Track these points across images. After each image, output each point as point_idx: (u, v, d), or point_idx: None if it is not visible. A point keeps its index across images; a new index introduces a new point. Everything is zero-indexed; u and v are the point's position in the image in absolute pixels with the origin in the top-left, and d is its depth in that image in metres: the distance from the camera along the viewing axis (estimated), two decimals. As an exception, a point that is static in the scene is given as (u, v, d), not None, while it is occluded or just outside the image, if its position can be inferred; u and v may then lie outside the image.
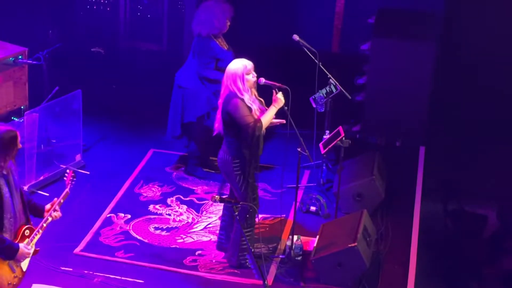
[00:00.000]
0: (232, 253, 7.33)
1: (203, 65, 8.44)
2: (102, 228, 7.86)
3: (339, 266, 7.11)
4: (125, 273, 7.21)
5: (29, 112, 8.31)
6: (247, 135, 6.85)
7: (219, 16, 8.34)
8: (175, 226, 7.98)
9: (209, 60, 8.42)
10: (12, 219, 5.71)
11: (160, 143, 9.42)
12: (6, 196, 5.65)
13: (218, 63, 8.39)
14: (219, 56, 8.37)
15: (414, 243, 7.78)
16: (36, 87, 9.28)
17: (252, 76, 6.93)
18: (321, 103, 8.33)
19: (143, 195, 8.47)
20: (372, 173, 8.16)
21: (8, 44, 9.22)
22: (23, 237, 5.82)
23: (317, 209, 8.24)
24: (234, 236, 7.29)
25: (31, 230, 5.87)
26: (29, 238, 5.84)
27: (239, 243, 7.22)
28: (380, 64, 9.56)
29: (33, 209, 5.99)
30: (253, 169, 7.05)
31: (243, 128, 6.84)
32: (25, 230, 5.83)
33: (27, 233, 5.84)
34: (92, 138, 9.44)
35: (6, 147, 5.62)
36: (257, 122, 6.85)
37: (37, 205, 6.00)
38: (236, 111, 6.82)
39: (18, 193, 5.77)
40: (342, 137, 7.69)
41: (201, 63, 8.45)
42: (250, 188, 7.04)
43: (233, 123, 6.88)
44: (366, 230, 7.35)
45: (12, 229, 5.73)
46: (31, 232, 5.87)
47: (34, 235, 5.87)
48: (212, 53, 8.38)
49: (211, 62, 8.42)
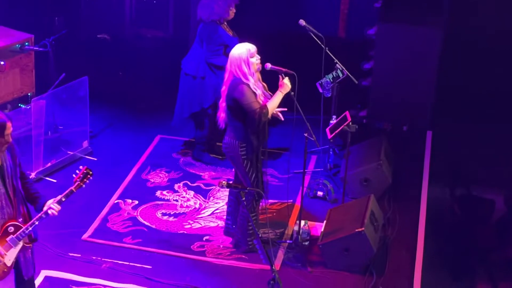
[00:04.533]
0: (240, 238, 7.35)
1: (212, 52, 8.42)
2: (110, 214, 7.89)
3: (346, 251, 7.12)
4: (133, 259, 7.24)
5: (36, 99, 8.32)
6: (253, 121, 6.86)
7: (220, 2, 8.31)
8: (183, 211, 7.99)
9: (217, 47, 8.40)
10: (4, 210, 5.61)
11: (167, 129, 9.42)
12: None
13: (226, 49, 8.38)
14: (228, 43, 8.35)
15: (421, 228, 7.78)
16: (43, 74, 9.29)
17: (256, 59, 6.92)
18: (328, 88, 8.31)
19: (151, 181, 8.48)
20: (379, 158, 8.16)
21: (15, 31, 9.22)
22: (6, 234, 5.66)
23: (324, 194, 8.24)
24: (240, 221, 7.30)
25: (17, 227, 5.68)
26: (14, 235, 5.67)
27: (246, 228, 7.24)
28: (387, 49, 9.55)
29: (34, 202, 5.82)
30: (260, 153, 7.07)
31: (249, 114, 6.84)
32: (9, 226, 5.67)
33: (11, 230, 5.67)
34: (99, 125, 9.46)
35: None
36: (263, 108, 6.84)
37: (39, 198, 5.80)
38: (242, 97, 6.82)
39: (11, 183, 5.64)
40: (349, 122, 7.69)
41: (210, 50, 8.42)
42: (256, 172, 7.05)
43: (240, 109, 6.88)
44: (373, 215, 7.36)
45: (4, 218, 5.64)
46: (17, 229, 5.67)
47: (22, 232, 5.67)
48: (221, 40, 8.36)
49: (219, 49, 8.40)
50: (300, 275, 7.14)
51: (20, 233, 5.70)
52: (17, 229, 5.70)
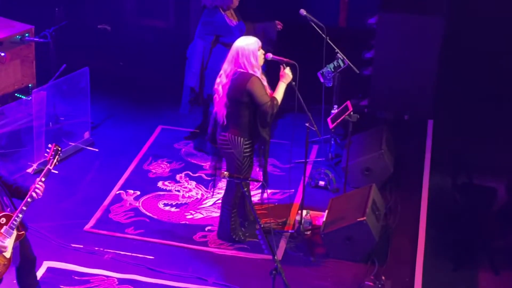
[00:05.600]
0: (223, 232, 7.37)
1: (202, 34, 8.38)
2: (112, 205, 7.89)
3: (348, 240, 7.14)
4: (135, 250, 7.25)
5: (37, 90, 8.32)
6: (266, 114, 6.86)
7: None
8: (185, 202, 8.00)
9: (208, 31, 8.33)
10: None
11: (168, 120, 9.42)
12: None
13: (220, 38, 8.32)
14: (220, 32, 8.27)
15: (423, 217, 7.78)
16: (43, 65, 9.27)
17: (262, 52, 6.92)
18: (329, 77, 8.31)
19: (152, 171, 8.49)
20: (381, 147, 8.16)
21: (15, 22, 9.20)
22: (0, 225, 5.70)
23: (325, 184, 8.25)
24: (222, 217, 7.33)
25: (8, 217, 5.69)
26: (7, 226, 5.68)
27: (230, 221, 7.27)
28: (388, 38, 9.53)
29: (17, 192, 5.82)
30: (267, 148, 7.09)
31: (261, 107, 6.83)
32: (1, 218, 5.67)
33: (3, 221, 5.67)
34: (100, 116, 9.45)
35: None
36: (274, 100, 6.86)
37: (21, 188, 5.82)
38: (255, 89, 6.81)
39: None
40: (350, 112, 7.69)
41: (200, 31, 8.38)
42: (247, 173, 7.07)
43: (250, 103, 6.85)
44: (375, 204, 7.36)
45: None
46: (8, 219, 5.68)
47: (13, 220, 5.69)
48: (214, 27, 8.28)
49: (209, 35, 8.33)
50: (302, 264, 7.16)
51: (12, 222, 5.69)
52: (8, 219, 5.70)
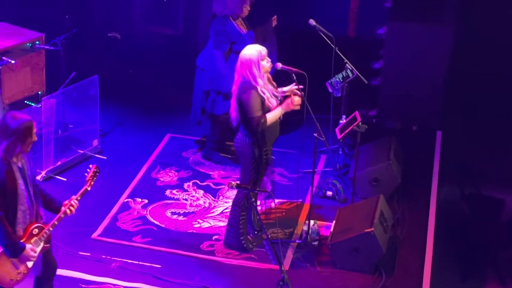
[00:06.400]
0: (232, 236, 7.36)
1: (216, 44, 8.41)
2: (120, 213, 7.91)
3: (356, 251, 7.13)
4: (142, 258, 7.26)
5: (46, 98, 8.35)
6: (250, 127, 6.89)
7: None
8: (192, 211, 8.01)
9: (224, 39, 8.37)
10: (27, 212, 5.66)
11: (177, 128, 9.44)
12: (21, 189, 5.59)
13: (233, 46, 8.36)
14: (233, 39, 8.33)
15: (431, 228, 7.77)
16: (53, 72, 9.30)
17: (267, 61, 6.91)
18: (338, 88, 8.31)
19: (160, 180, 8.50)
20: (389, 158, 8.15)
21: (26, 30, 9.24)
22: (31, 236, 5.72)
23: (333, 194, 8.24)
24: (231, 220, 7.33)
25: (40, 228, 5.75)
26: (38, 237, 5.73)
27: (238, 227, 7.27)
28: (397, 48, 9.54)
29: (49, 204, 5.87)
30: (270, 154, 7.09)
31: (248, 120, 6.87)
32: (34, 228, 5.72)
33: (36, 232, 5.73)
34: (109, 123, 9.48)
35: (21, 137, 5.50)
36: (262, 118, 6.85)
37: (54, 200, 5.88)
38: (248, 102, 6.83)
39: (32, 187, 5.69)
40: (359, 122, 7.69)
41: (215, 41, 8.42)
42: (258, 174, 7.06)
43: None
44: (382, 215, 7.36)
45: (27, 222, 5.68)
46: (40, 230, 5.75)
47: (44, 233, 5.75)
48: (229, 35, 8.34)
49: (225, 43, 8.38)
50: (309, 275, 7.15)
51: (42, 234, 5.76)
52: (40, 231, 5.76)
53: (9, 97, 8.88)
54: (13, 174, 5.55)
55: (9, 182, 5.52)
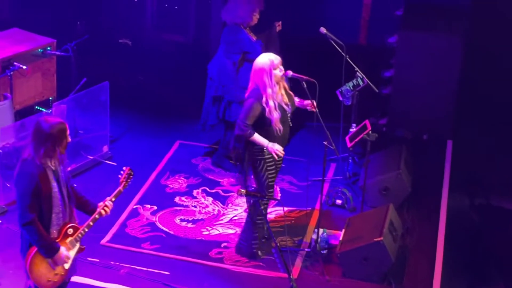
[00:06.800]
0: (242, 241, 7.36)
1: (228, 54, 8.42)
2: (129, 219, 7.91)
3: (365, 260, 7.10)
4: (151, 265, 7.25)
5: (57, 104, 8.37)
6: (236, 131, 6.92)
7: (245, 7, 8.32)
8: (201, 218, 8.00)
9: (236, 50, 8.39)
10: (61, 214, 5.68)
11: (187, 135, 9.45)
12: (55, 191, 5.61)
13: (247, 55, 8.38)
14: (246, 49, 8.35)
15: (441, 238, 7.74)
16: (64, 78, 9.34)
17: (279, 70, 6.91)
18: (348, 96, 8.30)
19: (169, 186, 8.50)
20: (399, 167, 8.13)
21: (37, 36, 9.28)
22: (66, 236, 5.74)
23: (343, 203, 8.23)
24: (245, 225, 7.34)
25: (75, 228, 5.78)
26: (73, 237, 5.76)
27: (252, 232, 7.26)
28: (407, 57, 9.53)
29: (85, 206, 5.90)
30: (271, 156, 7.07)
31: (237, 125, 6.91)
32: (69, 228, 5.75)
33: (70, 232, 5.75)
34: (119, 130, 9.49)
35: (56, 139, 5.53)
36: (249, 130, 6.86)
37: (89, 203, 5.91)
38: (245, 107, 6.90)
39: (65, 188, 5.72)
40: (369, 131, 7.67)
41: (227, 51, 8.43)
42: (268, 176, 7.06)
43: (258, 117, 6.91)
44: (392, 225, 7.33)
45: (60, 223, 5.70)
46: (75, 231, 5.78)
47: (79, 233, 5.78)
48: (241, 45, 8.36)
49: (237, 53, 8.40)
50: (318, 283, 7.13)
51: (78, 235, 5.78)
52: (75, 231, 5.79)
53: (20, 102, 8.92)
54: (47, 177, 5.58)
55: (43, 185, 5.55)
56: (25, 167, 5.56)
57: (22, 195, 5.55)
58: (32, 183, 5.51)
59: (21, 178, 5.57)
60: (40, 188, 5.54)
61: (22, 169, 5.58)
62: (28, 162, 5.56)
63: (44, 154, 5.53)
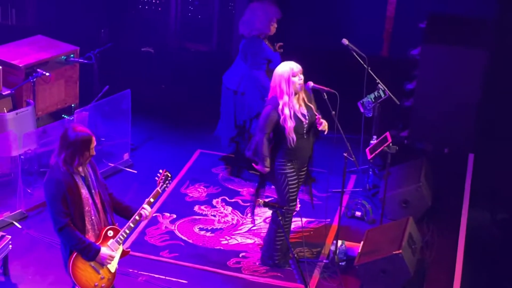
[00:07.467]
0: (267, 253, 7.34)
1: (257, 65, 8.44)
2: (148, 227, 7.93)
3: (383, 273, 7.07)
4: (169, 273, 7.27)
5: (79, 111, 8.42)
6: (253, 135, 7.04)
7: (262, 18, 8.33)
8: (220, 227, 8.01)
9: (262, 60, 8.41)
10: (94, 219, 5.71)
11: (207, 144, 9.46)
12: (85, 197, 5.65)
13: (269, 64, 8.40)
14: (271, 58, 8.37)
15: (460, 252, 7.69)
16: (87, 85, 9.40)
17: (299, 78, 6.90)
18: (369, 108, 8.28)
19: (189, 195, 8.52)
20: (419, 180, 8.09)
21: (61, 43, 9.35)
22: (106, 238, 5.77)
23: (362, 215, 8.20)
24: (268, 236, 7.32)
25: (115, 230, 5.81)
26: (114, 239, 5.79)
27: (274, 243, 7.25)
28: (430, 69, 9.49)
29: (126, 211, 5.94)
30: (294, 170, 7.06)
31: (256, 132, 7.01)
32: (108, 230, 5.78)
33: (111, 234, 5.79)
34: (140, 138, 9.53)
35: (77, 148, 5.56)
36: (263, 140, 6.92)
37: (130, 207, 5.95)
38: (261, 117, 6.97)
39: (98, 194, 5.75)
40: (390, 143, 7.64)
41: (255, 63, 8.44)
42: (290, 189, 7.04)
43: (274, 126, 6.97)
44: (411, 238, 7.29)
45: (95, 229, 5.73)
46: (116, 232, 5.80)
47: (121, 235, 5.81)
48: (265, 54, 8.38)
49: (264, 63, 8.42)
50: (335, 295, 7.11)
51: (119, 236, 5.81)
52: (116, 233, 5.83)
53: (43, 109, 8.98)
54: (75, 183, 5.61)
55: (70, 191, 5.59)
56: (52, 174, 5.62)
57: (51, 201, 5.60)
58: (60, 189, 5.56)
59: (48, 185, 5.62)
60: (68, 195, 5.58)
61: (49, 177, 5.64)
62: (54, 169, 5.62)
63: (64, 160, 5.57)
